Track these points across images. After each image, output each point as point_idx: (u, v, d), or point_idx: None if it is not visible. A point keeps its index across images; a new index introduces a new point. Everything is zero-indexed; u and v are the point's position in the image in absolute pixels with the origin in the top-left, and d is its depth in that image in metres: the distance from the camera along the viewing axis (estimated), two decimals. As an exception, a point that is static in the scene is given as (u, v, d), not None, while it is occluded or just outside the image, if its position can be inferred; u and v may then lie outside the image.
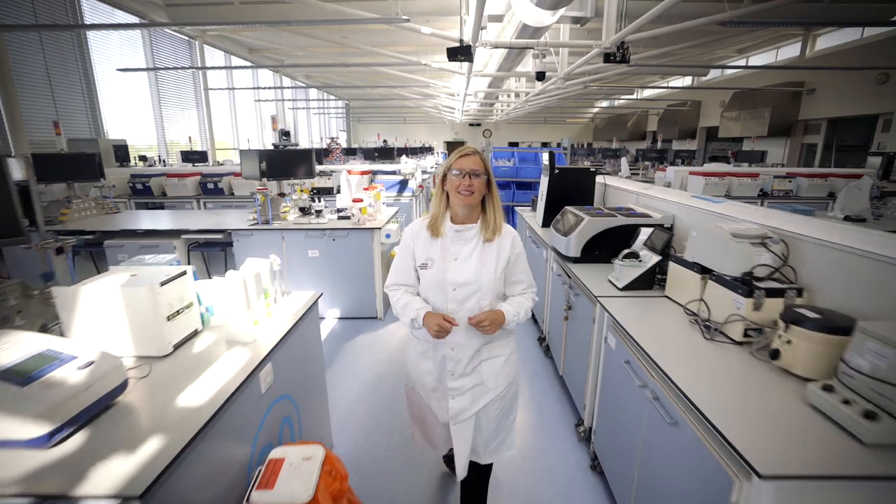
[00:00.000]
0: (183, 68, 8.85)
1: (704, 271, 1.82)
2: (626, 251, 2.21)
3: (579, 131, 22.42)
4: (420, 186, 6.24)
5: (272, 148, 5.42)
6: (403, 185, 6.04)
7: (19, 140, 6.45)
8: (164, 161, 8.79)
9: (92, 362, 1.16)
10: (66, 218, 4.12)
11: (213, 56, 11.26)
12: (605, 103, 17.87)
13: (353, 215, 3.85)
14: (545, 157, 3.69)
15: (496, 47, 6.62)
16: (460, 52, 5.49)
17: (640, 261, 2.16)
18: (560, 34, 7.18)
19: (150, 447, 1.06)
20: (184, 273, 1.58)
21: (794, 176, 6.08)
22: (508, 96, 13.26)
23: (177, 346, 1.53)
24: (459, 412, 1.58)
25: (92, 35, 7.68)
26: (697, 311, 1.78)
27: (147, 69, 8.21)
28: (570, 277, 2.57)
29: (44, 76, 6.94)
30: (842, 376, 1.19)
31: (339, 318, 3.99)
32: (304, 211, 3.87)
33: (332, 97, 18.04)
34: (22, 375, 1.06)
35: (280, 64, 12.41)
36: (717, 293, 1.73)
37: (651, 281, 2.16)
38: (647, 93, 15.88)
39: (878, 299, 1.39)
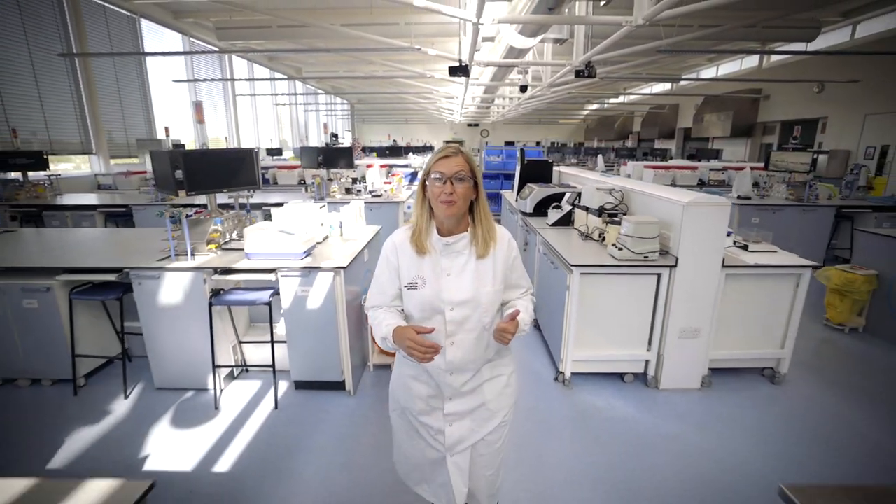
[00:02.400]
0: (227, 80, 10.60)
1: (587, 209, 3.57)
2: (554, 204, 3.97)
3: (572, 131, 24.33)
4: (427, 177, 8.00)
5: (325, 146, 7.17)
6: (413, 176, 7.78)
7: (100, 141, 8.22)
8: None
9: (307, 233, 2.90)
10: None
11: (238, 63, 13.03)
12: (594, 106, 19.68)
13: (383, 194, 5.59)
14: (518, 152, 5.43)
15: (488, 65, 8.41)
16: (459, 70, 7.21)
17: (561, 208, 3.91)
18: (544, 51, 8.93)
19: (337, 261, 2.79)
20: (324, 206, 3.31)
21: (725, 169, 7.85)
22: (503, 99, 15.06)
23: (324, 239, 3.27)
24: (458, 441, 1.44)
25: (148, 50, 9.44)
26: (583, 230, 3.53)
27: (196, 80, 9.95)
28: (526, 225, 4.32)
29: (114, 89, 8.67)
30: (618, 238, 2.94)
31: (373, 268, 5.74)
32: (349, 191, 5.61)
33: (338, 100, 19.81)
34: (289, 233, 2.79)
35: (298, 72, 14.19)
36: (591, 219, 3.48)
37: (568, 220, 3.91)
38: (632, 96, 17.69)
39: (647, 209, 3.15)
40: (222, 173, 3.05)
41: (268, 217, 3.23)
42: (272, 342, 2.83)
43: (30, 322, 2.87)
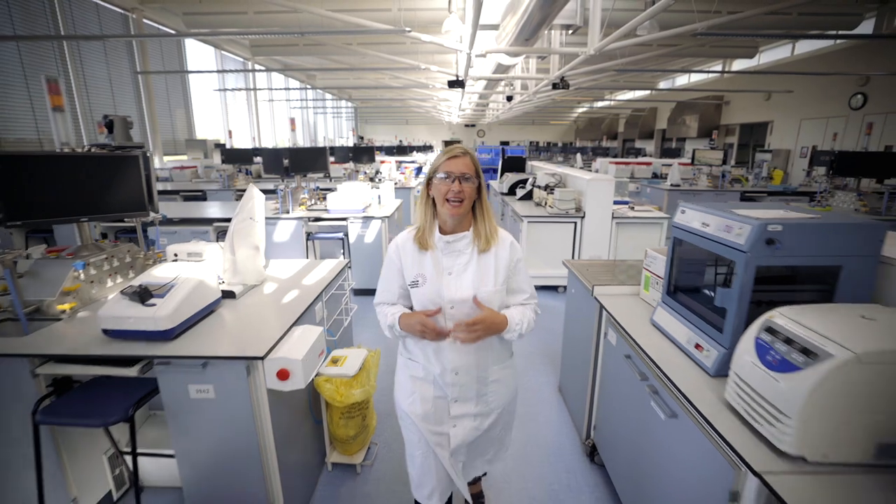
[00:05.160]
0: (252, 89, 12.62)
1: (539, 187, 5.61)
2: (520, 185, 6.01)
3: (564, 131, 26.52)
4: (429, 171, 10.08)
5: (353, 146, 9.22)
6: (419, 170, 9.83)
7: (156, 140, 10.21)
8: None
9: (362, 198, 4.93)
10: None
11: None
12: (582, 109, 21.84)
13: (398, 182, 7.62)
14: (500, 150, 7.48)
15: (479, 79, 10.47)
16: (456, 84, 9.23)
17: (525, 188, 5.95)
18: (530, 63, 10.95)
19: (383, 213, 4.80)
20: (368, 184, 5.33)
21: (672, 164, 9.90)
22: (496, 103, 17.16)
23: (369, 205, 5.30)
24: (462, 443, 1.54)
25: (190, 65, 11.47)
26: (537, 201, 5.57)
27: (234, 89, 11.98)
28: (504, 201, 6.35)
29: (165, 97, 10.67)
30: (552, 202, 4.98)
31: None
32: (372, 179, 7.65)
33: (343, 103, 21.89)
34: (353, 197, 4.81)
35: (311, 78, 16.25)
36: (541, 193, 5.52)
37: (531, 196, 5.94)
38: (614, 101, 19.85)
39: (574, 185, 5.20)
40: (308, 162, 5.05)
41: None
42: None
43: (193, 252, 4.87)
